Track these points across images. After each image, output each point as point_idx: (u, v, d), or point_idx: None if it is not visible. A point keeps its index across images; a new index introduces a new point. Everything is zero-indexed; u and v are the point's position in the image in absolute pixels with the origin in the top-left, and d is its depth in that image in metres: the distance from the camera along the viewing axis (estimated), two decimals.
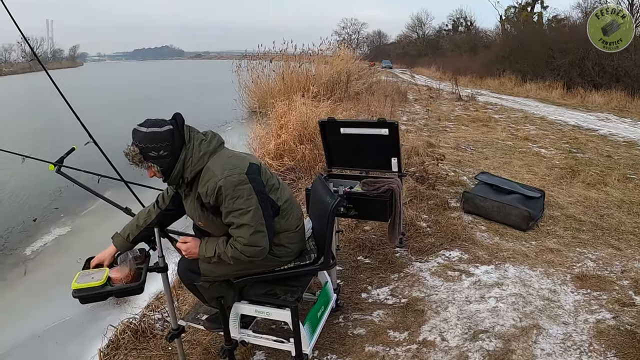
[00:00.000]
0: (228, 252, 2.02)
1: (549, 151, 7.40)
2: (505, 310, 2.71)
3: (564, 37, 20.24)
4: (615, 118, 12.59)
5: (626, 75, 15.73)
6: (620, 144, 8.38)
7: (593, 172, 5.96)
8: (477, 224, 4.05)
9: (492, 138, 8.39)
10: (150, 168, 1.98)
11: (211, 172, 1.97)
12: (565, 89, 18.02)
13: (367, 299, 2.97)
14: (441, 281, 3.09)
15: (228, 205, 1.96)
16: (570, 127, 10.33)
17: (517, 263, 3.35)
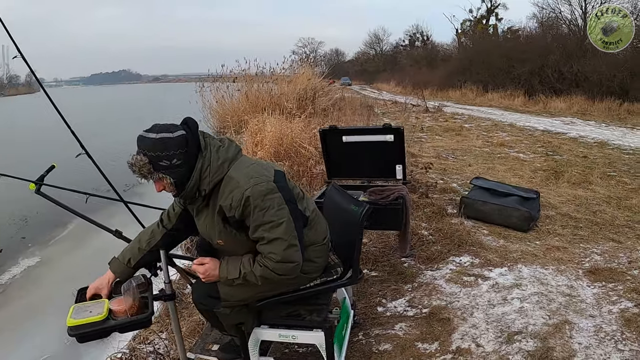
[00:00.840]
0: (256, 272, 1.81)
1: (527, 155, 7.65)
2: (531, 309, 2.72)
3: (521, 46, 21.21)
4: (580, 121, 13.17)
5: (585, 80, 16.57)
6: (592, 145, 8.75)
7: (575, 172, 6.17)
8: (479, 228, 4.09)
9: (468, 146, 8.59)
10: (161, 180, 1.75)
11: (235, 182, 1.76)
12: (527, 97, 18.82)
13: (384, 313, 2.90)
14: (458, 287, 3.07)
15: (257, 217, 1.75)
16: (540, 132, 10.73)
17: (528, 263, 3.39)
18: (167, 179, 1.75)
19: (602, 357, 2.29)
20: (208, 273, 1.90)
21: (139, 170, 1.71)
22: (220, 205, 1.79)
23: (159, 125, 1.75)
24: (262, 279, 1.82)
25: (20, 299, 4.26)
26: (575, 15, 21.04)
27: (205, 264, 1.91)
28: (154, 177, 1.74)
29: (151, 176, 1.73)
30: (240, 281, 1.85)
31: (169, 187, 1.79)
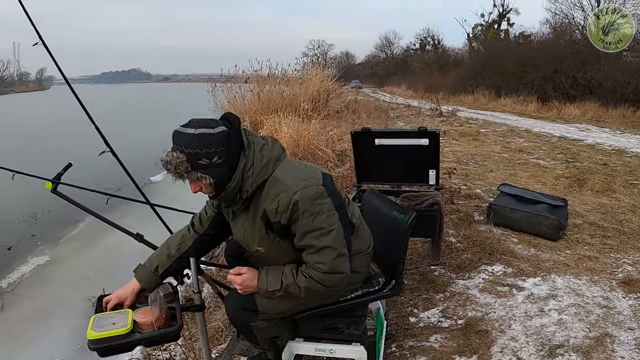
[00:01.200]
0: (301, 283, 1.67)
1: (547, 162, 7.55)
2: (570, 322, 2.66)
3: (534, 52, 21.01)
4: (595, 128, 13.01)
5: (599, 86, 16.37)
6: (610, 153, 8.63)
7: (597, 180, 6.07)
8: (508, 236, 4.02)
9: (487, 151, 8.51)
10: (199, 181, 1.59)
11: (282, 184, 1.61)
12: (540, 103, 18.61)
13: (417, 324, 2.84)
14: (493, 298, 3.01)
15: (306, 224, 1.61)
16: (557, 138, 10.60)
17: (561, 273, 3.33)
18: (206, 179, 1.58)
19: None
20: (246, 284, 1.74)
21: (174, 169, 1.55)
22: (265, 209, 1.64)
23: (197, 119, 1.60)
24: (307, 291, 1.68)
25: (30, 299, 4.18)
26: (588, 22, 20.83)
27: (243, 274, 1.75)
28: (191, 177, 1.57)
29: (188, 176, 1.57)
30: (281, 293, 1.70)
31: (206, 188, 1.62)
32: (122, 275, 3.88)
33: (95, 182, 6.11)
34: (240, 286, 1.74)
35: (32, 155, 10.92)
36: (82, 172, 2.92)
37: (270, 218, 1.65)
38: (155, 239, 2.30)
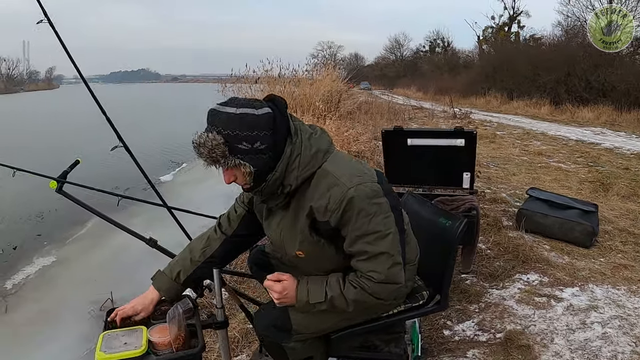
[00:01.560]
0: (349, 295, 1.44)
1: (568, 165, 7.39)
2: (616, 335, 2.53)
3: (546, 54, 20.78)
4: (610, 132, 12.80)
5: (613, 90, 16.13)
6: (630, 157, 8.44)
7: (622, 184, 5.90)
8: (539, 242, 3.89)
9: (506, 154, 8.36)
10: (236, 169, 1.35)
11: (333, 178, 1.39)
12: (554, 106, 18.37)
13: (452, 337, 2.69)
14: (531, 309, 2.88)
15: (361, 225, 1.38)
16: (574, 141, 10.41)
17: (598, 282, 3.19)
18: (245, 167, 1.33)
19: None
20: (286, 292, 1.48)
21: (208, 152, 1.29)
22: (312, 206, 1.41)
23: (239, 98, 1.38)
24: (355, 305, 1.45)
25: (35, 301, 4.01)
26: (621, 7, 20.47)
27: (284, 281, 1.49)
28: (227, 163, 1.32)
29: (224, 161, 1.31)
30: (324, 307, 1.47)
31: (243, 178, 1.38)
32: (130, 277, 3.84)
33: (101, 182, 5.94)
34: (279, 295, 1.48)
35: (38, 152, 10.78)
36: (89, 170, 2.75)
37: (317, 217, 1.42)
38: (169, 244, 2.17)
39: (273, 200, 1.48)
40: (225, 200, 6.04)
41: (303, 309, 1.51)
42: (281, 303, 1.51)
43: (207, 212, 2.76)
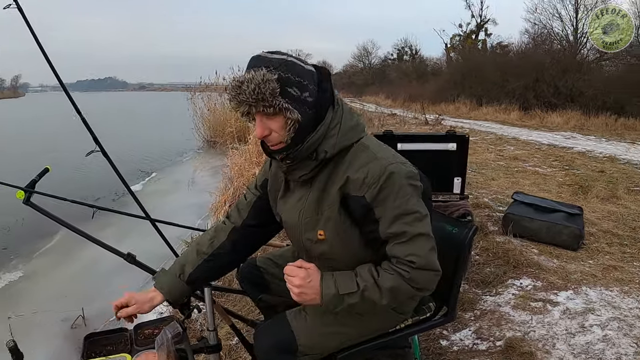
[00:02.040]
0: (384, 283, 1.29)
1: (544, 169, 7.57)
2: (616, 337, 2.55)
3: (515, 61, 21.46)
4: (580, 136, 13.24)
5: (581, 95, 16.76)
6: (603, 160, 8.73)
7: (600, 187, 6.08)
8: (528, 246, 3.93)
9: (482, 159, 8.50)
10: (277, 116, 1.25)
11: (372, 153, 1.31)
12: (523, 111, 18.91)
13: (450, 347, 2.66)
14: (528, 315, 2.88)
15: (400, 203, 1.28)
16: (546, 146, 10.71)
17: (591, 285, 3.24)
18: (292, 113, 1.23)
19: None
20: (309, 281, 1.30)
21: (256, 88, 1.18)
22: (349, 177, 1.31)
23: (281, 52, 1.29)
24: (390, 294, 1.30)
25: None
26: (567, 32, 21.51)
27: (308, 268, 1.33)
28: (275, 105, 1.21)
29: (273, 101, 1.20)
30: (356, 299, 1.30)
31: (281, 132, 1.27)
32: (103, 292, 3.68)
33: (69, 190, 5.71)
34: (302, 282, 1.30)
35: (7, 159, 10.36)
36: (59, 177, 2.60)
37: (351, 190, 1.31)
38: (148, 257, 2.05)
39: (299, 171, 1.36)
40: (196, 210, 5.92)
41: (329, 304, 1.31)
42: (301, 296, 1.31)
43: (198, 225, 2.64)
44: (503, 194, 5.70)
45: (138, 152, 11.62)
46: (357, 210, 1.33)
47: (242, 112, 1.27)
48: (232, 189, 5.33)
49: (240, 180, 5.81)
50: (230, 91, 1.25)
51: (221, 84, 12.70)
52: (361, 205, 1.31)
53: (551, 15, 22.30)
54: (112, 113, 28.88)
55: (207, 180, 7.59)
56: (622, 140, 12.35)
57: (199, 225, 5.22)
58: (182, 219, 5.60)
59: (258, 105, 1.21)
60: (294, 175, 1.39)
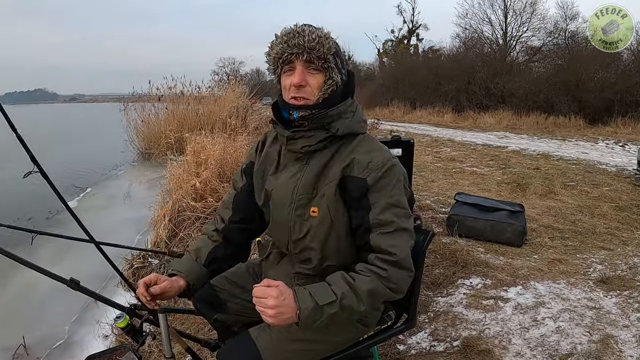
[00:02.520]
0: (362, 286, 1.30)
1: (482, 169, 7.90)
2: (569, 328, 2.66)
3: (448, 65, 22.48)
4: (512, 135, 14.01)
5: (511, 96, 17.76)
6: (537, 157, 9.27)
7: (537, 184, 6.41)
8: (474, 246, 4.04)
9: (420, 161, 8.73)
10: (321, 73, 1.37)
11: (377, 144, 1.45)
12: (456, 113, 19.79)
13: (408, 352, 2.66)
14: (481, 313, 2.94)
15: (394, 195, 1.37)
16: (481, 146, 11.22)
17: (538, 279, 3.36)
18: (335, 74, 1.38)
19: None
20: (284, 299, 1.23)
21: (319, 38, 1.33)
22: (354, 158, 1.40)
23: None
24: (369, 298, 1.31)
25: None
26: (496, 36, 22.84)
27: (278, 286, 1.25)
28: (326, 59, 1.35)
29: (327, 57, 1.35)
30: (335, 308, 1.27)
31: (316, 89, 1.38)
32: (44, 318, 3.49)
33: None
34: (277, 301, 1.22)
35: None
36: None
37: (353, 172, 1.39)
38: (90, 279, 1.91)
39: (305, 140, 1.42)
40: (134, 225, 5.72)
41: (307, 320, 1.26)
42: (277, 317, 1.23)
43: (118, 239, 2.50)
44: (444, 195, 5.87)
45: (71, 167, 11.27)
46: (354, 191, 1.39)
47: (287, 57, 1.36)
48: (171, 202, 5.15)
49: (179, 192, 5.62)
50: (286, 33, 1.36)
51: (154, 94, 12.59)
52: (360, 186, 1.38)
53: (481, 19, 23.72)
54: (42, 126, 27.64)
55: (144, 194, 7.35)
56: (553, 137, 13.19)
57: (138, 241, 5.02)
58: (121, 235, 5.39)
59: (312, 53, 1.34)
60: (296, 145, 1.44)
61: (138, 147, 11.99)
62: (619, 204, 5.41)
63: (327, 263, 1.47)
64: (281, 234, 1.53)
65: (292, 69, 1.38)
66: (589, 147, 11.17)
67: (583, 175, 7.20)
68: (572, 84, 16.82)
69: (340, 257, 1.47)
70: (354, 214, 1.41)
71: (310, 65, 1.36)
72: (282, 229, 1.52)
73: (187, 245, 4.28)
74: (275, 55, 1.38)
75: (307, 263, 1.50)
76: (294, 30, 1.35)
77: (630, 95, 15.60)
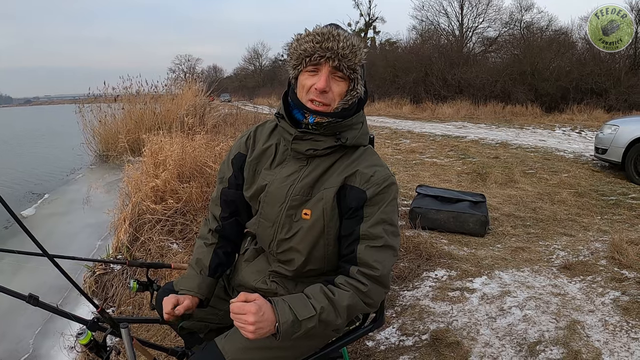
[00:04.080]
0: (342, 301, 1.32)
1: (442, 160, 8.01)
2: (536, 315, 2.70)
3: (403, 57, 22.79)
4: (471, 125, 14.30)
5: (469, 86, 18.15)
6: (496, 146, 9.47)
7: (497, 173, 6.55)
8: (437, 237, 4.08)
9: (381, 154, 8.49)
10: (346, 81, 1.38)
11: (379, 160, 1.49)
12: (414, 104, 20.09)
13: (377, 348, 2.65)
14: (448, 305, 2.96)
15: (389, 212, 1.40)
16: (440, 136, 11.40)
17: (503, 268, 3.41)
18: (359, 85, 1.40)
19: (624, 349, 2.34)
20: (262, 314, 1.22)
21: (352, 46, 1.34)
22: (358, 170, 1.42)
23: None
24: (347, 312, 1.34)
25: None
26: (452, 27, 23.33)
27: (256, 300, 1.24)
28: (354, 69, 1.36)
29: (356, 67, 1.36)
30: (313, 323, 1.28)
31: (338, 97, 1.39)
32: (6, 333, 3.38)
33: None
34: (256, 317, 1.21)
35: None
36: None
37: (355, 182, 1.42)
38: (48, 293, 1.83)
39: (311, 143, 1.43)
40: (95, 230, 5.61)
41: (286, 334, 1.26)
42: (256, 332, 1.22)
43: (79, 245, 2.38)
44: (405, 188, 5.90)
45: (27, 173, 11.09)
46: (352, 202, 1.41)
47: (316, 57, 1.34)
48: (131, 205, 4.99)
49: (138, 195, 5.45)
50: (319, 33, 1.34)
51: (110, 94, 12.44)
52: (359, 198, 1.40)
53: (438, 11, 24.25)
54: None
55: (103, 198, 7.18)
56: (511, 126, 13.55)
57: (99, 247, 4.86)
58: (81, 241, 5.27)
59: (343, 60, 1.33)
60: (301, 146, 1.44)
61: (95, 149, 11.76)
62: (578, 190, 5.59)
63: (309, 267, 1.49)
64: (266, 231, 1.53)
65: (317, 70, 1.37)
66: (546, 134, 11.53)
67: (542, 163, 7.41)
68: (528, 73, 17.39)
69: (322, 263, 1.49)
70: (345, 223, 1.43)
71: (336, 72, 1.36)
72: (269, 225, 1.52)
73: (148, 250, 4.18)
74: (302, 52, 1.36)
75: (289, 264, 1.51)
76: (329, 32, 1.34)
77: (585, 83, 16.25)
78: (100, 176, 9.12)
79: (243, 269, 1.65)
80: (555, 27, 20.42)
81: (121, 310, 3.51)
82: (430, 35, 24.00)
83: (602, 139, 6.85)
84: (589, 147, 8.90)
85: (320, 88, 1.34)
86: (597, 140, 7.02)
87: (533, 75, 17.28)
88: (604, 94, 15.89)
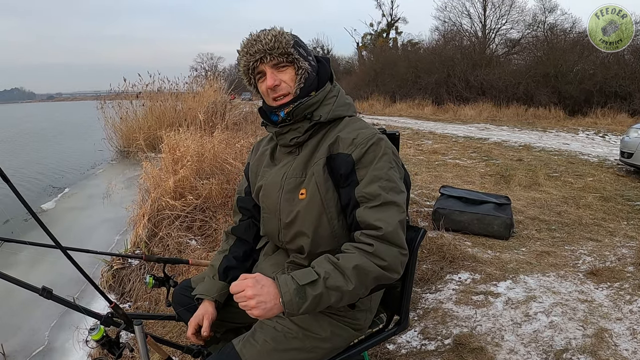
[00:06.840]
0: (349, 262, 1.25)
1: (465, 161, 7.89)
2: (563, 322, 2.62)
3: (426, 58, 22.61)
4: (493, 127, 14.09)
5: (491, 88, 17.90)
6: (519, 149, 9.31)
7: (521, 175, 6.42)
8: (460, 240, 4.00)
9: (403, 154, 8.69)
10: (289, 67, 1.43)
11: (363, 124, 1.47)
12: (436, 105, 19.89)
13: (398, 351, 2.60)
14: (472, 309, 2.89)
15: (382, 167, 1.35)
16: (463, 138, 11.25)
17: (528, 272, 3.33)
18: (302, 62, 1.43)
19: None
20: (262, 286, 1.20)
21: (274, 39, 1.40)
22: (339, 136, 1.43)
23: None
24: (357, 275, 1.25)
25: None
26: (475, 28, 23.06)
27: (254, 277, 1.22)
28: (289, 53, 1.41)
29: (288, 50, 1.40)
30: (320, 289, 1.21)
31: (291, 82, 1.44)
32: (20, 326, 3.44)
33: None
34: (254, 290, 1.19)
35: None
36: None
37: (339, 149, 1.41)
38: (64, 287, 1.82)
39: (293, 132, 1.48)
40: (113, 225, 5.67)
41: (292, 305, 1.20)
42: (260, 307, 1.19)
43: (97, 240, 2.39)
44: (428, 189, 5.83)
45: (49, 167, 11.20)
46: (341, 168, 1.39)
47: (253, 65, 1.43)
48: (150, 201, 5.02)
49: (158, 191, 5.49)
50: (245, 45, 1.43)
51: (131, 91, 12.53)
52: (346, 162, 1.38)
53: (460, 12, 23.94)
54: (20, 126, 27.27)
55: (123, 193, 7.25)
56: (534, 129, 13.31)
57: (117, 242, 4.89)
58: (100, 236, 5.32)
59: (273, 53, 1.40)
60: (286, 139, 1.50)
61: (116, 145, 11.88)
62: (604, 195, 5.44)
63: (320, 249, 1.44)
64: (271, 223, 1.55)
65: (263, 74, 1.45)
66: (569, 138, 11.30)
67: (566, 166, 7.25)
68: (552, 75, 17.06)
69: (334, 243, 1.44)
70: (342, 192, 1.41)
71: (277, 65, 1.43)
72: (272, 216, 1.54)
73: (167, 246, 4.20)
74: (243, 69, 1.47)
75: (300, 252, 1.50)
76: (251, 39, 1.43)
77: (609, 86, 15.87)
78: (120, 172, 9.23)
79: (262, 262, 1.67)
80: (579, 29, 19.98)
81: (137, 305, 3.52)
82: (453, 36, 23.73)
83: (628, 142, 6.67)
84: (613, 151, 8.68)
85: (270, 86, 1.43)
86: (623, 144, 6.83)
87: (556, 78, 16.95)
88: (628, 98, 15.49)
